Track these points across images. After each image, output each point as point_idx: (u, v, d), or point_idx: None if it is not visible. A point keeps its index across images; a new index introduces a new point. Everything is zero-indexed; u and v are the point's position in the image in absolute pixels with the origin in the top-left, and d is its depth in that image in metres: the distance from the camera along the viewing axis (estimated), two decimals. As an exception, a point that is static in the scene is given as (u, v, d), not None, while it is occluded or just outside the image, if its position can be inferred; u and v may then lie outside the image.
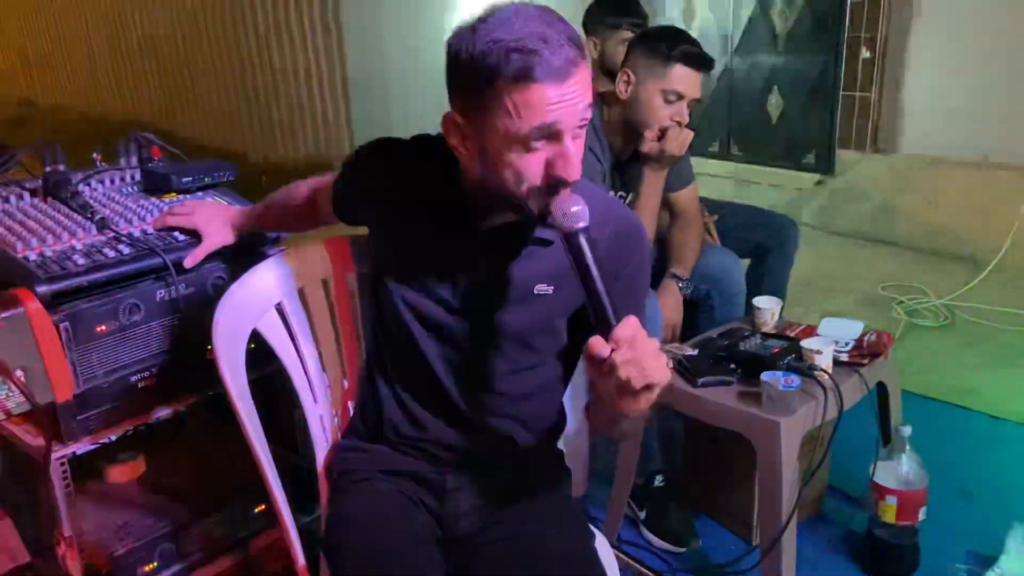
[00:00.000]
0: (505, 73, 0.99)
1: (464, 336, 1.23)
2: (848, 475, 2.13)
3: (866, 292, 3.45)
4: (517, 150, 1.03)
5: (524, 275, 1.19)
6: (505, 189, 1.07)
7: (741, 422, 1.69)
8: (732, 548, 1.98)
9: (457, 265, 1.20)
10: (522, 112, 1.00)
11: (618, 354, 0.95)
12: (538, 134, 1.02)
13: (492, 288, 1.20)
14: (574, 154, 1.04)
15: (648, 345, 0.96)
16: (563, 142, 1.03)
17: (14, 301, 1.00)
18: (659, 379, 0.95)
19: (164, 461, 1.88)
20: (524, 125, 1.01)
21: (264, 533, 1.81)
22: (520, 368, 1.26)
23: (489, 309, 1.21)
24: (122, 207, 1.68)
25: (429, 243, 1.22)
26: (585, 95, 1.03)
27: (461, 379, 1.25)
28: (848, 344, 1.83)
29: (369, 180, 1.28)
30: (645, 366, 0.94)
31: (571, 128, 1.03)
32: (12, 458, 1.52)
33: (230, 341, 1.33)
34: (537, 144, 1.03)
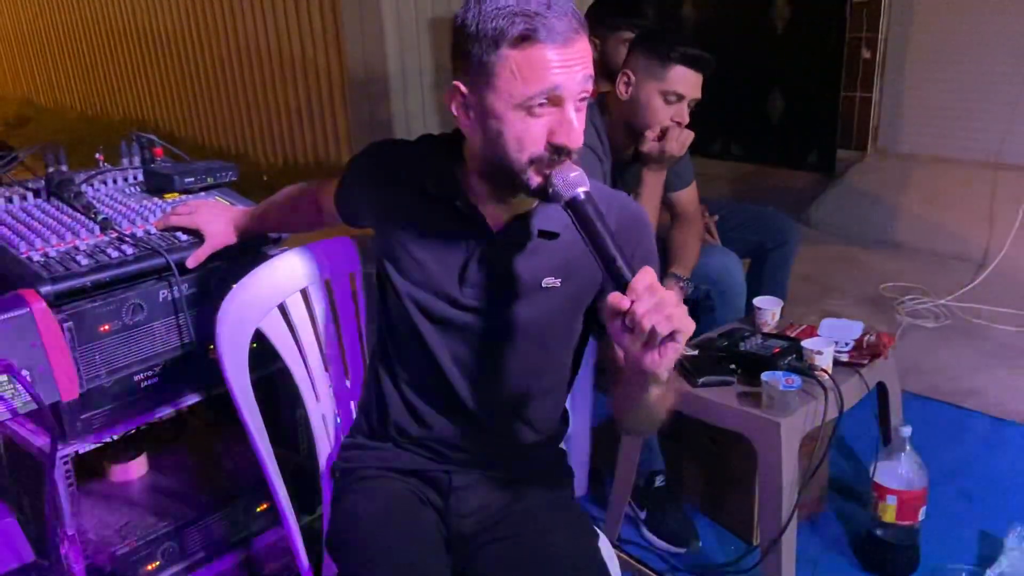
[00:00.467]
0: (509, 35, 1.02)
1: (472, 332, 1.23)
2: (848, 475, 2.14)
3: (866, 292, 3.45)
4: (519, 115, 1.05)
5: (531, 269, 1.20)
6: (507, 160, 1.08)
7: (742, 422, 1.69)
8: (732, 548, 1.98)
9: (464, 261, 1.21)
10: (525, 74, 1.03)
11: (639, 304, 0.93)
12: (541, 98, 1.04)
13: (499, 283, 1.21)
14: (576, 124, 1.06)
15: (668, 293, 0.94)
16: (565, 108, 1.05)
17: (20, 301, 1.01)
18: (684, 326, 0.93)
19: (166, 460, 1.89)
20: (527, 88, 1.03)
21: (266, 532, 1.82)
22: (528, 365, 1.26)
23: (497, 305, 1.21)
24: (125, 207, 1.69)
25: (435, 241, 1.23)
26: (586, 66, 1.06)
27: (469, 376, 1.26)
28: (848, 344, 1.84)
29: (372, 181, 1.29)
30: (669, 312, 0.92)
31: (573, 96, 1.05)
32: (16, 456, 1.52)
33: (233, 341, 1.34)
34: (540, 110, 1.05)
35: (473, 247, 1.21)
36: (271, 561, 1.81)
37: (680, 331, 0.93)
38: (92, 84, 8.55)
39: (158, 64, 7.39)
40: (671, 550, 1.98)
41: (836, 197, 4.40)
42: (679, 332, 0.93)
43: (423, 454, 1.31)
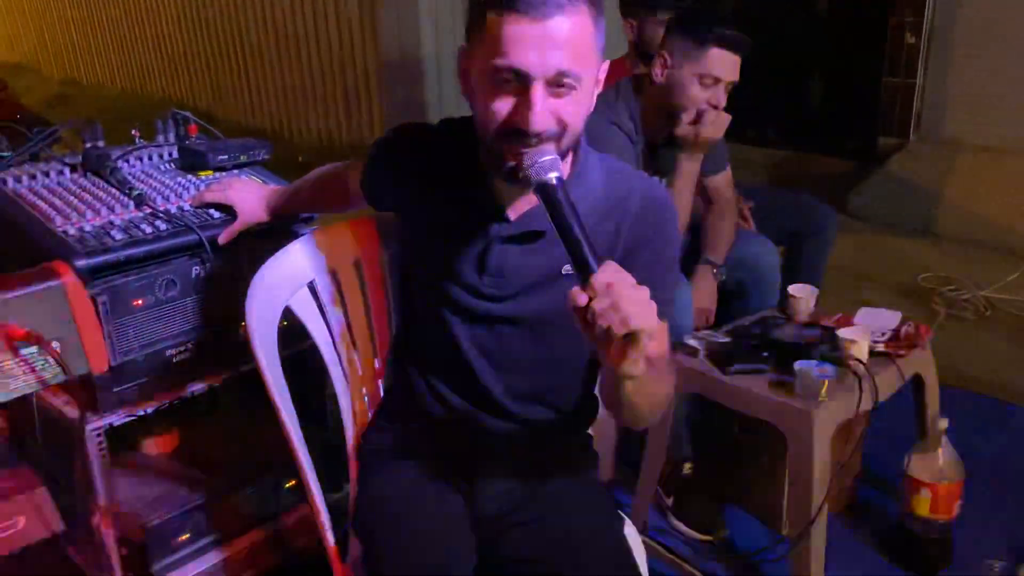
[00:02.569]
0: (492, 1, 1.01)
1: (493, 320, 1.22)
2: (882, 467, 2.10)
3: (904, 283, 3.39)
4: (490, 87, 1.04)
5: (551, 257, 1.18)
6: (481, 135, 1.08)
7: (773, 411, 1.67)
8: (760, 537, 1.96)
9: (483, 250, 1.20)
10: (497, 45, 1.01)
11: (596, 302, 0.89)
12: (507, 73, 1.01)
13: (519, 272, 1.19)
14: (536, 106, 1.01)
15: (629, 290, 0.89)
16: (529, 90, 1.01)
17: (52, 273, 1.02)
18: (641, 325, 0.88)
19: (198, 435, 1.91)
20: (494, 59, 1.01)
21: (294, 508, 1.83)
22: (551, 353, 1.25)
23: (517, 293, 1.20)
24: (159, 183, 1.70)
25: (455, 227, 1.21)
26: (566, 47, 1.00)
27: (492, 363, 1.25)
28: (885, 334, 1.80)
29: (395, 165, 1.28)
30: (625, 312, 0.88)
31: (541, 77, 1.01)
32: (49, 428, 1.55)
33: (263, 318, 1.34)
34: (507, 85, 1.02)
35: (492, 235, 1.19)
36: (299, 537, 1.82)
37: (639, 331, 0.89)
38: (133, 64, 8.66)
39: (198, 46, 7.46)
40: (698, 537, 1.97)
41: (876, 185, 4.32)
42: (639, 332, 0.89)
43: (447, 437, 1.30)
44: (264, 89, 6.84)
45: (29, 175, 1.64)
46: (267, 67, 6.70)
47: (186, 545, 1.66)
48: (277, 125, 6.77)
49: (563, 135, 1.06)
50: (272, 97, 6.78)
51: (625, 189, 1.19)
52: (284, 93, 6.63)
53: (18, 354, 0.98)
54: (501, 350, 1.24)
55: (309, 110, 6.38)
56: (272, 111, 6.82)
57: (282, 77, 6.57)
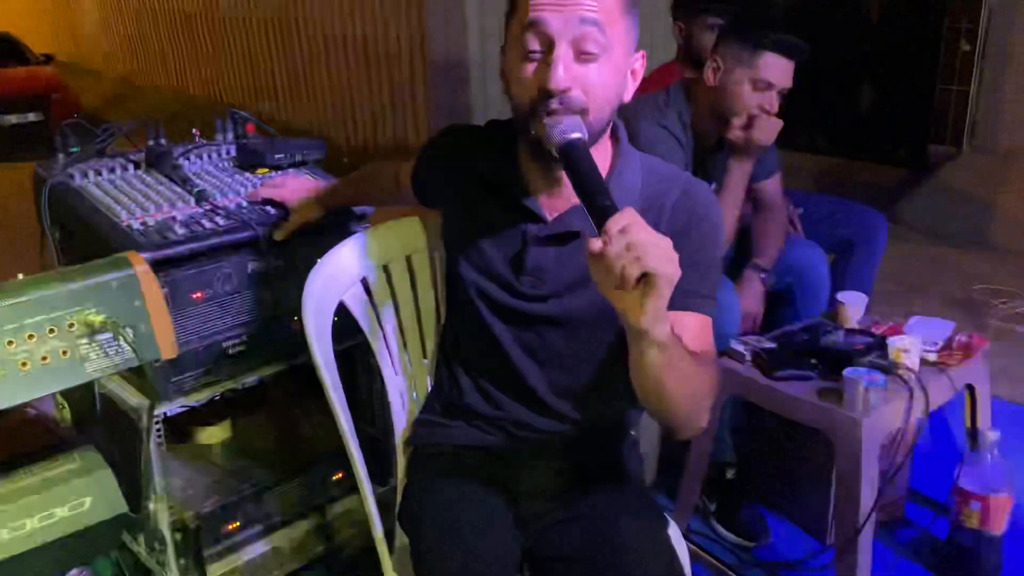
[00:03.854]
0: None
1: (533, 320, 1.24)
2: (930, 478, 2.07)
3: (955, 293, 3.33)
4: (520, 61, 1.08)
5: (582, 255, 1.19)
6: (515, 109, 1.11)
7: (821, 418, 1.65)
8: (804, 546, 1.94)
9: (519, 250, 1.22)
10: (525, 13, 1.05)
11: (610, 247, 0.88)
12: (533, 38, 1.05)
13: (555, 271, 1.21)
14: (558, 62, 1.04)
15: (644, 233, 0.88)
16: (553, 51, 1.05)
17: (125, 263, 1.06)
18: (656, 265, 0.86)
19: (249, 426, 1.96)
20: (523, 30, 1.06)
21: (340, 501, 1.87)
22: (593, 350, 1.26)
23: (554, 293, 1.21)
24: (218, 180, 1.75)
25: (493, 228, 1.24)
26: (587, 11, 1.04)
27: (535, 361, 1.26)
28: (937, 344, 1.78)
29: (442, 164, 1.33)
30: (639, 252, 0.86)
31: (564, 35, 1.04)
32: (111, 414, 1.60)
33: (319, 313, 1.37)
34: (535, 55, 1.06)
35: (529, 236, 1.21)
36: (344, 529, 1.86)
37: (654, 272, 0.87)
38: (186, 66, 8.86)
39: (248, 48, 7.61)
40: (740, 544, 1.96)
41: (927, 194, 4.25)
42: (655, 275, 0.87)
43: (493, 434, 1.32)
44: (312, 92, 6.95)
45: (95, 171, 1.69)
46: (314, 70, 6.81)
47: (236, 533, 1.70)
48: (323, 126, 6.87)
49: (589, 109, 1.07)
50: (319, 100, 6.89)
51: (664, 187, 1.18)
52: (331, 95, 6.73)
53: (94, 339, 1.02)
54: (543, 349, 1.25)
55: (355, 112, 6.47)
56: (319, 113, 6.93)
57: (329, 79, 6.67)
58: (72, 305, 1.01)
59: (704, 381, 1.08)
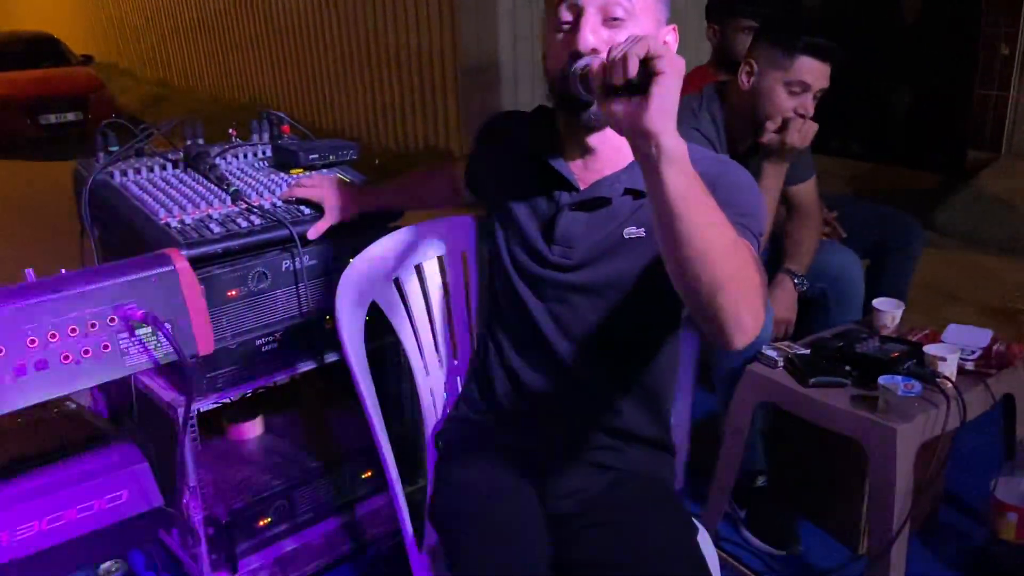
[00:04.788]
0: None
1: (563, 288, 1.27)
2: (966, 488, 2.03)
3: (993, 301, 3.26)
4: (551, 30, 1.16)
5: (615, 223, 1.24)
6: (550, 80, 1.18)
7: (854, 426, 1.63)
8: (835, 555, 1.92)
9: (550, 218, 1.27)
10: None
11: (614, 49, 0.90)
12: (561, 8, 1.13)
13: (584, 238, 1.25)
14: (585, 26, 1.11)
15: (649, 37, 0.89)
16: (582, 19, 1.12)
17: (166, 259, 1.08)
18: (658, 49, 0.85)
19: (280, 423, 1.98)
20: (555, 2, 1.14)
21: (369, 499, 1.88)
22: (621, 320, 1.26)
23: (583, 262, 1.25)
24: (254, 180, 1.77)
25: (528, 198, 1.30)
26: None
27: (564, 332, 1.28)
28: (975, 352, 1.74)
29: (488, 145, 1.42)
30: (644, 42, 0.86)
31: (591, 3, 1.11)
32: (147, 409, 1.63)
33: (351, 312, 1.39)
34: (564, 24, 1.14)
35: (560, 203, 1.26)
36: (372, 527, 1.87)
37: (657, 57, 0.85)
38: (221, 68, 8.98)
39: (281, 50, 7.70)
40: (771, 552, 1.94)
41: (963, 200, 4.18)
42: (658, 60, 0.85)
43: (525, 431, 1.32)
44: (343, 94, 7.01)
45: (134, 169, 1.72)
46: (347, 72, 6.87)
47: (267, 529, 1.72)
48: (354, 128, 6.93)
49: None
50: (351, 101, 6.94)
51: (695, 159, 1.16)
52: (363, 98, 6.78)
53: (134, 334, 1.04)
54: (574, 320, 1.27)
55: (387, 114, 6.51)
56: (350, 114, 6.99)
57: (362, 82, 6.72)
58: (113, 300, 1.03)
59: (745, 250, 0.98)
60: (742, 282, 0.95)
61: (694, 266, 0.92)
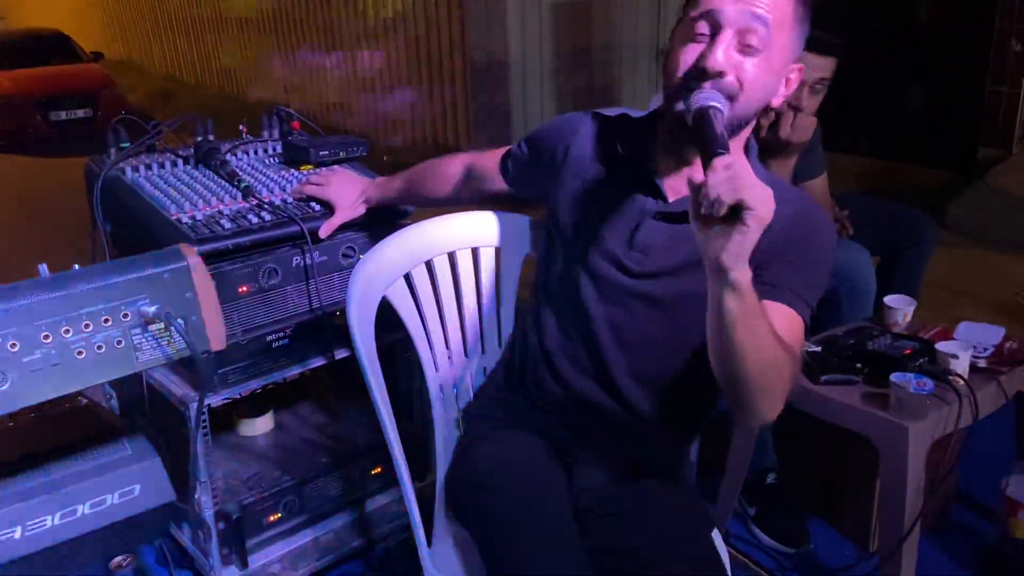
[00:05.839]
0: None
1: (630, 296, 1.24)
2: (978, 487, 2.03)
3: (1005, 299, 3.25)
4: (683, 39, 1.14)
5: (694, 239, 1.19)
6: (666, 85, 1.15)
7: (866, 424, 1.62)
8: (846, 553, 1.91)
9: (635, 226, 1.24)
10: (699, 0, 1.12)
11: (712, 176, 0.90)
12: (702, 21, 1.11)
13: (665, 252, 1.22)
14: (720, 45, 1.09)
15: (747, 172, 0.90)
16: (719, 36, 1.09)
17: (178, 255, 1.08)
18: (750, 198, 0.88)
19: (290, 419, 1.99)
20: (691, 9, 1.13)
21: (379, 495, 1.88)
22: (677, 335, 1.24)
23: (657, 272, 1.23)
24: (264, 176, 1.77)
25: (611, 204, 1.26)
26: (760, 6, 1.08)
27: (618, 339, 1.26)
28: (987, 350, 1.73)
29: (563, 138, 1.34)
30: (738, 184, 0.88)
31: (731, 24, 1.09)
32: (158, 404, 1.64)
33: (362, 308, 1.39)
34: (699, 35, 1.11)
35: (647, 213, 1.23)
36: (381, 523, 1.87)
37: (746, 206, 0.88)
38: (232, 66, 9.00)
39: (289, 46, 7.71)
40: (781, 549, 1.93)
41: (975, 197, 4.15)
42: (746, 210, 0.88)
43: (554, 416, 1.31)
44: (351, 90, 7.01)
45: (145, 165, 1.73)
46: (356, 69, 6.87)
47: (278, 524, 1.73)
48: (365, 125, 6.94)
49: (737, 97, 1.11)
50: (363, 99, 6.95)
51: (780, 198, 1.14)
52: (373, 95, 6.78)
53: (147, 330, 1.05)
54: (631, 326, 1.26)
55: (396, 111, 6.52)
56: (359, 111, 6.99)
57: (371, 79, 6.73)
58: (127, 296, 1.03)
59: (781, 360, 1.04)
60: (770, 385, 1.04)
61: (729, 364, 1.02)
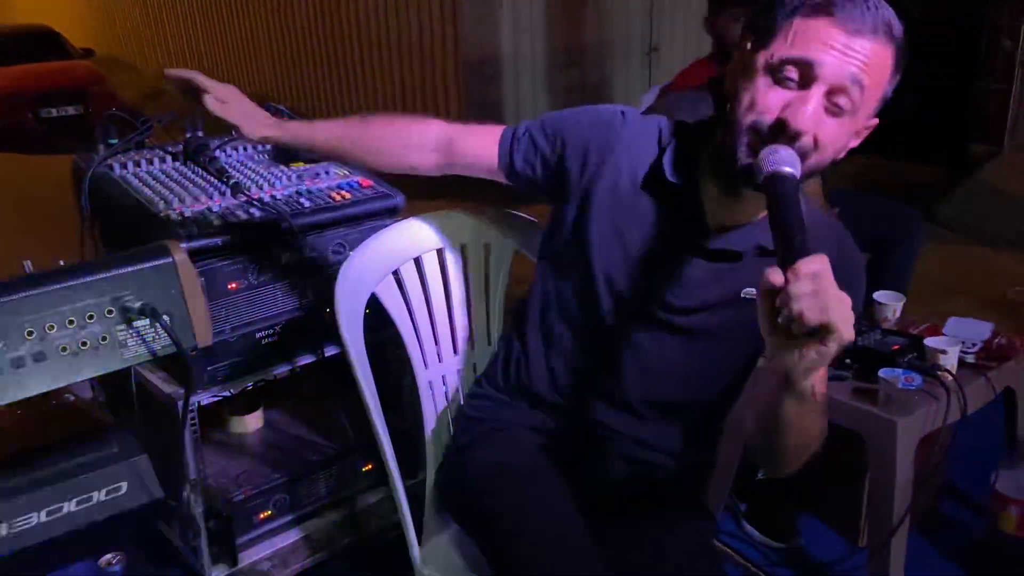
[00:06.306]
0: (808, 3, 1.01)
1: (659, 327, 1.20)
2: (967, 481, 2.04)
3: (994, 295, 3.26)
4: (766, 79, 1.03)
5: (737, 279, 1.15)
6: (732, 121, 1.05)
7: (855, 419, 1.63)
8: (836, 547, 1.92)
9: (673, 258, 1.17)
10: (794, 39, 1.01)
11: (796, 285, 0.83)
12: (793, 67, 1.01)
13: (701, 286, 1.17)
14: (811, 103, 1.00)
15: (834, 288, 0.83)
16: (810, 90, 1.00)
17: (164, 251, 1.08)
18: (838, 321, 0.81)
19: (280, 417, 1.98)
20: (787, 51, 1.01)
21: (370, 492, 1.88)
22: (703, 367, 1.22)
23: (693, 308, 1.18)
24: (253, 173, 1.76)
25: (650, 228, 1.17)
26: (862, 70, 1.00)
27: (641, 366, 1.22)
28: (975, 345, 1.74)
29: (603, 142, 1.20)
30: (825, 301, 0.81)
31: (826, 81, 1.00)
32: (146, 402, 1.63)
33: (350, 304, 1.38)
34: (788, 80, 1.01)
35: (688, 246, 1.16)
36: (372, 520, 1.87)
37: (832, 330, 0.82)
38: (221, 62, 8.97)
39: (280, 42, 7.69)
40: (771, 544, 1.94)
41: (966, 194, 4.17)
42: (831, 333, 0.82)
43: (559, 422, 1.29)
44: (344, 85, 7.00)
45: (134, 162, 1.72)
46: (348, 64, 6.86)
47: (268, 522, 1.73)
48: (357, 121, 6.91)
49: (810, 157, 1.02)
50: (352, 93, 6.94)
51: (822, 236, 1.10)
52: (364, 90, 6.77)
53: (132, 326, 1.04)
54: (657, 355, 1.21)
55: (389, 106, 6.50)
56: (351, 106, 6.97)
57: (363, 74, 6.72)
58: (111, 292, 1.02)
59: (816, 436, 1.04)
60: (804, 455, 1.05)
61: (770, 438, 1.01)
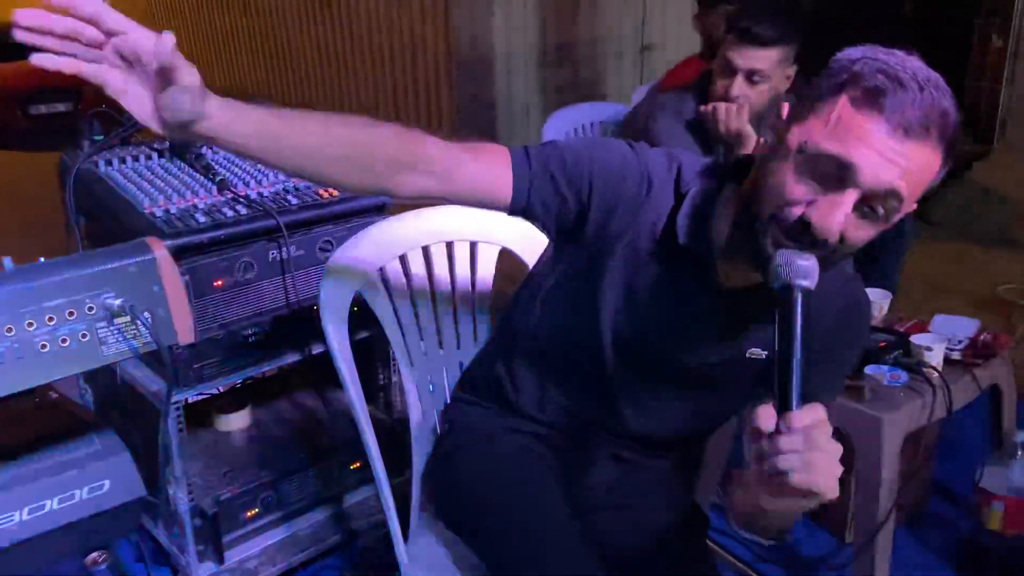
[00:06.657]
0: (858, 84, 0.91)
1: (661, 376, 1.19)
2: (953, 478, 2.04)
3: (981, 293, 3.27)
4: (802, 168, 0.93)
5: (743, 338, 1.13)
6: (754, 206, 0.97)
7: (841, 416, 1.63)
8: (823, 544, 1.93)
9: (680, 311, 1.14)
10: (836, 128, 0.91)
11: (786, 439, 0.81)
12: (829, 163, 0.90)
13: (706, 342, 1.15)
14: (842, 211, 0.90)
15: (828, 445, 0.82)
16: (844, 193, 0.90)
17: (145, 248, 1.07)
18: (824, 488, 0.81)
19: (268, 415, 1.98)
20: (824, 142, 0.91)
21: (357, 490, 1.88)
22: (703, 416, 1.24)
23: (696, 360, 1.16)
24: (240, 169, 1.76)
25: (659, 279, 1.13)
26: (902, 179, 0.90)
27: (637, 405, 1.21)
28: (962, 342, 1.75)
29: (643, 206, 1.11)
30: (815, 467, 0.81)
31: (865, 187, 0.90)
32: (132, 399, 1.63)
33: (336, 302, 1.38)
34: (823, 177, 0.91)
35: (697, 301, 1.12)
36: (359, 518, 1.87)
37: (816, 492, 0.82)
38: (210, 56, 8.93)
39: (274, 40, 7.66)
40: (759, 541, 1.94)
41: (955, 192, 4.18)
42: (814, 493, 0.82)
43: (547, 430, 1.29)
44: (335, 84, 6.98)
45: (119, 158, 1.71)
46: (340, 62, 6.84)
47: (254, 520, 1.72)
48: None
49: (835, 252, 0.95)
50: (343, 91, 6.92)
51: (835, 289, 1.09)
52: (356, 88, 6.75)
53: (112, 323, 1.04)
54: (654, 399, 1.22)
55: (380, 105, 6.49)
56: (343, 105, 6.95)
57: (354, 72, 6.70)
58: (91, 289, 1.02)
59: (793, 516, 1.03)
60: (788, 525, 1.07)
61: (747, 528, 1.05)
